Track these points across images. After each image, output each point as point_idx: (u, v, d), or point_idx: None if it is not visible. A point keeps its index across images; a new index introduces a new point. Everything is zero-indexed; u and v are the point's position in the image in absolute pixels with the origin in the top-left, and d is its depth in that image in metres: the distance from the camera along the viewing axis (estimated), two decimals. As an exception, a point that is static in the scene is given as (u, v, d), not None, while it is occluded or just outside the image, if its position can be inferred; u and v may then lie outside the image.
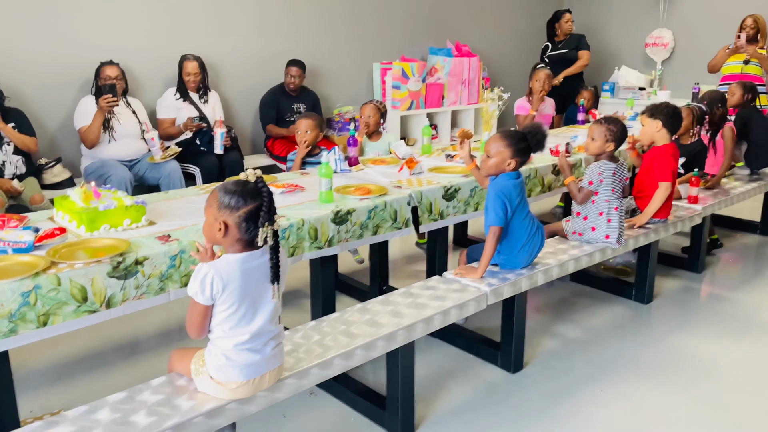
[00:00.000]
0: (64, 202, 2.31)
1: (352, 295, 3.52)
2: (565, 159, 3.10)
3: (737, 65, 5.55)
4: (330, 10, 5.62)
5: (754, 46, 5.54)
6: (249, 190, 1.68)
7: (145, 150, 4.23)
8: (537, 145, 2.55)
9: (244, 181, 1.70)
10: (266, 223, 1.66)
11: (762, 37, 5.56)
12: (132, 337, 3.07)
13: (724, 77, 5.68)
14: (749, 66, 5.51)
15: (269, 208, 1.67)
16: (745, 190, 4.11)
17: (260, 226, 1.66)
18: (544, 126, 2.61)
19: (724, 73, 5.69)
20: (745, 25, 5.55)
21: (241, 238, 1.69)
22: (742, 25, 5.58)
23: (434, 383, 2.64)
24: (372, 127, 3.86)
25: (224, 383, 1.74)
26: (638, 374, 2.70)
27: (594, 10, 7.51)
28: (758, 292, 3.59)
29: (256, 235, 1.67)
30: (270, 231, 1.67)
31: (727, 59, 5.64)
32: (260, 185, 1.69)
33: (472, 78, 6.40)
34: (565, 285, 3.66)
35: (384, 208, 2.69)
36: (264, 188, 1.69)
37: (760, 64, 5.48)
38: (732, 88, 4.46)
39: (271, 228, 1.67)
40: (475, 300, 2.44)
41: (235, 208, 1.67)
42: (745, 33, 5.49)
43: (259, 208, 1.66)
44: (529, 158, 2.60)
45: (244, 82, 5.17)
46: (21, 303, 1.81)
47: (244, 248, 1.71)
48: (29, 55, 4.11)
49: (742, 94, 4.38)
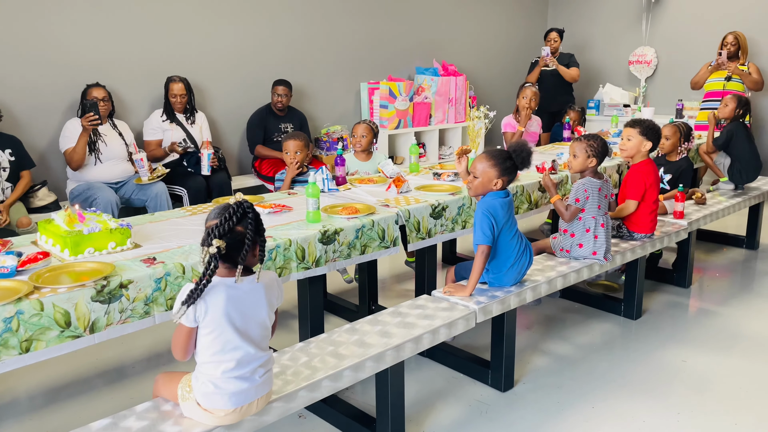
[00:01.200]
0: (48, 225, 2.29)
1: (341, 315, 3.50)
2: (548, 178, 3.12)
3: (719, 82, 5.66)
4: (317, 30, 5.66)
5: (735, 62, 5.64)
6: (218, 210, 1.68)
7: (132, 172, 4.22)
8: (522, 162, 2.57)
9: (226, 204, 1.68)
10: (204, 245, 1.61)
11: (743, 53, 5.68)
12: (117, 362, 3.03)
13: (707, 94, 5.77)
14: (731, 83, 5.61)
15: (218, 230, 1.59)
16: (730, 205, 4.15)
17: (201, 243, 1.63)
18: (528, 143, 2.63)
19: (706, 89, 5.79)
20: (726, 42, 5.67)
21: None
22: (723, 42, 5.70)
23: (424, 403, 2.62)
24: (364, 146, 3.88)
25: (211, 410, 1.72)
26: (629, 390, 2.70)
27: (578, 29, 7.63)
28: (746, 306, 3.61)
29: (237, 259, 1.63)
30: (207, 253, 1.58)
31: (710, 76, 5.74)
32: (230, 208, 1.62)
33: (458, 97, 6.45)
34: (554, 302, 3.66)
35: (372, 227, 2.69)
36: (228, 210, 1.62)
37: (741, 80, 5.57)
38: (726, 99, 4.51)
39: (207, 250, 1.58)
40: (464, 318, 2.43)
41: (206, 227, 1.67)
42: (726, 50, 5.60)
43: (212, 229, 1.60)
44: (516, 176, 2.62)
45: (230, 103, 5.18)
46: (3, 329, 1.78)
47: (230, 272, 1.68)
48: (15, 77, 4.10)
49: (734, 107, 4.43)
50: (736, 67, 5.55)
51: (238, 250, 1.62)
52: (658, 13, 7.02)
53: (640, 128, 3.26)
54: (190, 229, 2.56)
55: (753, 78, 5.61)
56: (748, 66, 5.66)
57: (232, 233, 1.62)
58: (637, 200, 3.25)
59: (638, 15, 7.16)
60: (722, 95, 5.37)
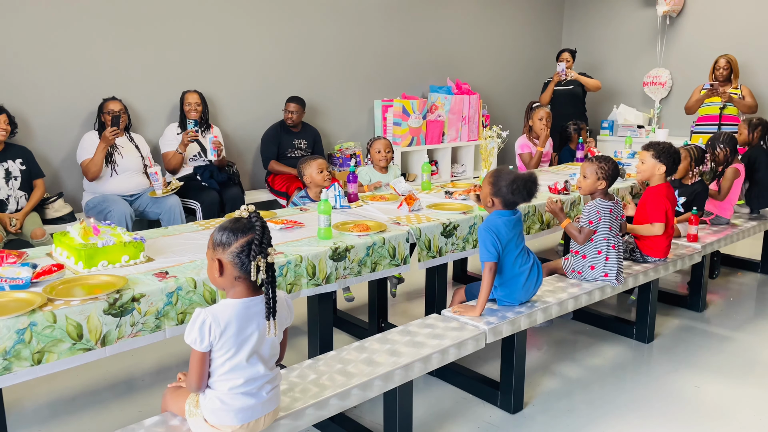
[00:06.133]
0: (63, 238, 2.32)
1: (351, 332, 3.50)
2: (554, 204, 3.08)
3: (715, 107, 5.58)
4: (332, 48, 5.72)
5: (728, 86, 5.55)
6: (241, 226, 1.66)
7: (146, 185, 4.26)
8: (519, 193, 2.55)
9: (237, 218, 1.69)
10: (258, 256, 1.63)
11: (735, 77, 5.59)
12: (127, 375, 3.04)
13: (700, 118, 5.70)
14: (726, 107, 5.53)
15: (261, 241, 1.64)
16: (746, 229, 4.11)
17: (252, 259, 1.63)
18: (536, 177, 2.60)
19: (701, 113, 5.71)
20: (719, 65, 5.59)
21: (239, 276, 1.67)
22: (716, 66, 5.61)
23: (432, 423, 2.60)
24: (389, 161, 4.01)
25: (219, 427, 1.71)
26: (640, 415, 2.66)
27: (592, 49, 7.64)
28: (760, 331, 3.56)
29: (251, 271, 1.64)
30: (263, 264, 1.64)
31: (704, 101, 5.65)
32: (253, 219, 1.67)
33: (472, 115, 6.47)
34: (565, 323, 3.63)
35: (382, 244, 2.69)
36: (257, 222, 1.66)
37: (735, 105, 5.50)
38: (740, 126, 4.52)
39: (264, 261, 1.64)
40: (473, 339, 2.42)
41: (227, 245, 1.65)
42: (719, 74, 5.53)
43: (251, 242, 1.64)
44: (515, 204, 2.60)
45: (245, 118, 5.23)
46: (16, 340, 1.79)
47: (244, 292, 1.69)
48: (34, 90, 4.17)
49: (747, 132, 4.41)
50: (728, 96, 5.46)
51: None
52: (672, 34, 7.03)
53: (653, 151, 3.24)
54: (203, 243, 2.58)
55: (746, 103, 5.50)
56: (741, 89, 5.57)
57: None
58: (663, 222, 3.21)
59: (653, 36, 7.17)
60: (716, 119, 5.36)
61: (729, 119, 5.54)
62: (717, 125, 5.56)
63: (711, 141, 4.20)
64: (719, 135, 4.22)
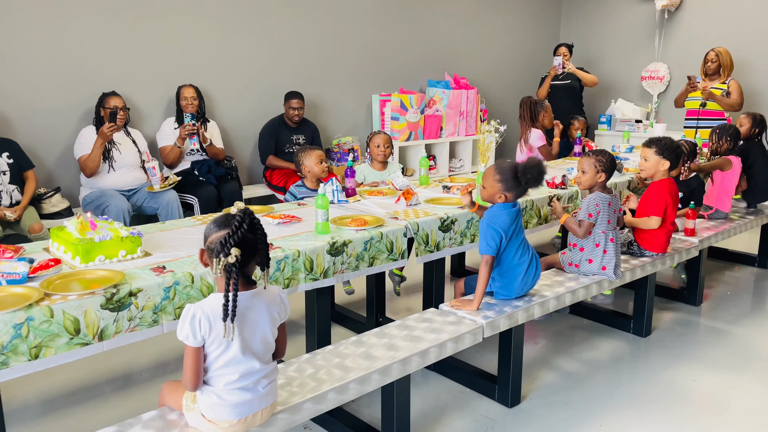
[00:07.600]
0: (60, 233, 2.32)
1: (348, 326, 3.50)
2: (556, 203, 3.10)
3: (697, 101, 5.51)
4: (329, 43, 5.70)
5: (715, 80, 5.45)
6: (221, 221, 1.66)
7: (144, 180, 4.26)
8: (534, 182, 2.55)
9: (226, 214, 1.69)
10: (220, 254, 1.58)
11: (724, 71, 5.46)
12: (125, 369, 3.04)
13: (688, 112, 5.66)
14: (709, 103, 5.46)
15: (227, 240, 1.56)
16: (743, 223, 4.11)
17: (216, 255, 1.59)
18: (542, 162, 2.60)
19: (687, 107, 5.66)
20: (708, 59, 5.51)
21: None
22: (706, 59, 5.53)
23: (430, 418, 2.61)
24: (387, 156, 3.97)
25: (216, 422, 1.71)
26: (637, 409, 2.67)
27: (590, 43, 7.63)
28: (757, 325, 3.57)
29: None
30: (222, 262, 1.56)
31: (687, 95, 5.59)
32: (237, 217, 1.60)
33: (470, 110, 6.46)
34: (563, 317, 3.64)
35: (380, 239, 2.69)
36: (235, 220, 1.59)
37: (717, 102, 5.37)
38: (741, 118, 4.47)
39: (224, 260, 1.56)
40: (471, 333, 2.42)
41: (206, 238, 1.67)
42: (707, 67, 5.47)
43: (221, 239, 1.58)
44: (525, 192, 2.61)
45: (243, 113, 5.22)
46: (13, 335, 1.79)
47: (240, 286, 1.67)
48: (30, 85, 4.16)
49: (749, 126, 4.39)
50: (709, 93, 5.32)
51: (249, 259, 1.64)
52: (671, 29, 7.02)
53: (656, 147, 3.24)
54: (200, 238, 2.56)
55: (728, 101, 5.33)
56: (728, 85, 5.41)
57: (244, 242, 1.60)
58: (661, 217, 3.22)
59: (651, 31, 7.16)
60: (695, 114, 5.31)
61: (711, 114, 5.41)
62: (696, 119, 5.46)
63: (718, 130, 4.19)
64: (728, 128, 4.21)
